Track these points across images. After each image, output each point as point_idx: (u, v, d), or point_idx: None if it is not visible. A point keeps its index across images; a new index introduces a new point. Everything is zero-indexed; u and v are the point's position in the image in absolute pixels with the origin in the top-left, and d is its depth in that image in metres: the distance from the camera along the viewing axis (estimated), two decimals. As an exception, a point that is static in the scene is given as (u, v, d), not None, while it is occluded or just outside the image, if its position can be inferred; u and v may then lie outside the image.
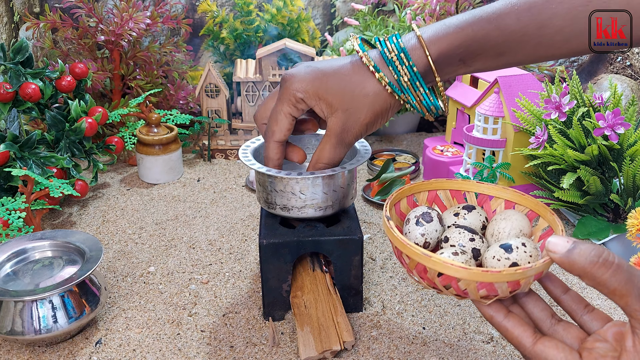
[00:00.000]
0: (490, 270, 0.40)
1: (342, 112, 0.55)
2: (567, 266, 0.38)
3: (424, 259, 0.42)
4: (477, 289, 0.42)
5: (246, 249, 0.84)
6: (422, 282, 0.45)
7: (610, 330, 0.42)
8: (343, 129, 0.56)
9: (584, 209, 0.84)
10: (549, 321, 0.45)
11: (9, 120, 1.09)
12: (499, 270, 0.40)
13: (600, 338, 0.42)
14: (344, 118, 0.55)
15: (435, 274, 0.42)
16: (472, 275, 0.40)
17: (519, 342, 0.42)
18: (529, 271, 0.40)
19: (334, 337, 0.61)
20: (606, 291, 0.38)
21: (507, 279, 0.40)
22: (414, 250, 0.42)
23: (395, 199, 0.51)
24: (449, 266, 0.41)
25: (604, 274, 0.37)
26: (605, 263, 0.37)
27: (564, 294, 0.46)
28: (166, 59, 1.19)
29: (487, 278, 0.40)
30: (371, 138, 1.29)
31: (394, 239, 0.45)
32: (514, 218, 0.48)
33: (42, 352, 0.64)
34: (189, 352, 0.63)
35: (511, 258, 0.43)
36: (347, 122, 0.55)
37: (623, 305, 0.37)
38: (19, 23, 1.19)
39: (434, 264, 0.41)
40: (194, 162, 1.16)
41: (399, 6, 1.24)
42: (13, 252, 0.68)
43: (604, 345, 0.41)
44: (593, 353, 0.40)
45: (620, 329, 0.41)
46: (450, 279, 0.42)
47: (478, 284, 0.41)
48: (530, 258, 0.43)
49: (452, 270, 0.41)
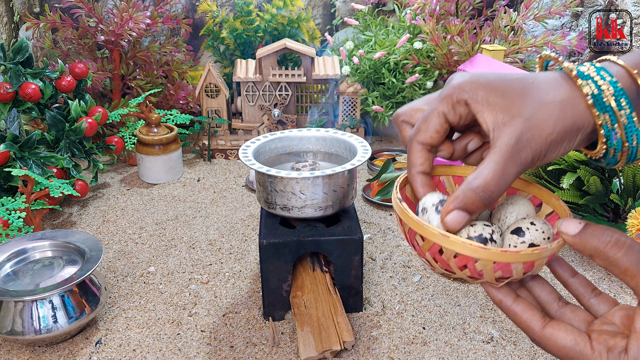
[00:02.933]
0: (508, 250, 0.41)
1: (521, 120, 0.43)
2: (579, 247, 0.38)
3: (442, 239, 0.42)
4: (493, 270, 0.42)
5: (246, 249, 0.84)
6: (435, 264, 0.45)
7: (618, 313, 0.42)
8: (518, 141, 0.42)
9: (584, 209, 0.84)
10: (556, 304, 0.45)
11: (9, 120, 1.09)
12: (517, 251, 0.40)
13: (607, 321, 0.42)
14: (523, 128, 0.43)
15: (451, 254, 0.42)
16: (490, 255, 0.40)
17: (528, 325, 0.43)
18: (545, 252, 0.41)
19: (334, 337, 0.61)
20: (617, 271, 0.38)
21: (525, 259, 0.41)
22: (431, 231, 0.42)
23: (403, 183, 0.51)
24: (467, 246, 0.41)
25: (616, 253, 0.37)
26: (618, 243, 0.37)
27: (572, 278, 0.46)
28: (166, 59, 1.19)
29: (505, 258, 0.40)
30: (371, 138, 1.29)
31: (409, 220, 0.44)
32: (520, 202, 0.49)
33: (42, 352, 0.64)
34: (189, 352, 0.63)
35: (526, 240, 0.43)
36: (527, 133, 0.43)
37: (634, 285, 0.38)
38: (19, 23, 1.19)
39: (452, 244, 0.41)
40: (194, 162, 1.16)
41: (399, 6, 1.24)
42: (13, 252, 0.68)
43: (611, 328, 0.41)
44: (602, 334, 0.40)
45: (627, 312, 0.42)
46: (467, 260, 0.42)
47: (495, 265, 0.41)
48: (544, 234, 0.43)
49: (470, 250, 0.41)
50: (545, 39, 1.09)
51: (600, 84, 0.42)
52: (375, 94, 1.18)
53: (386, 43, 1.17)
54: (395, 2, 1.25)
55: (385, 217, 0.93)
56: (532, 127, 0.43)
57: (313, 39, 1.27)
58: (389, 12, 1.30)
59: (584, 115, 0.43)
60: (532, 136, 0.43)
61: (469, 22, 1.15)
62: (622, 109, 0.42)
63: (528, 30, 1.15)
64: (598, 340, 0.40)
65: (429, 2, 1.13)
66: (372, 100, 1.17)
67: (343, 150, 0.74)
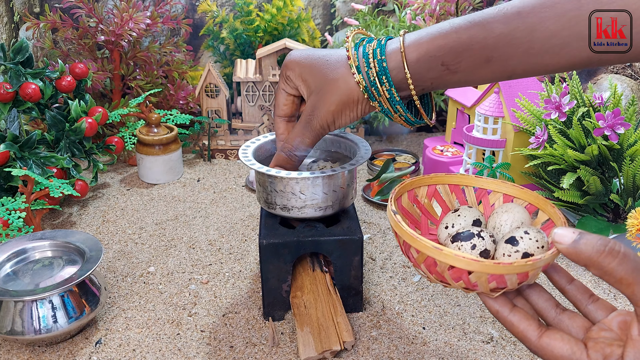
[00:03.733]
0: (501, 262, 0.41)
1: (315, 94, 0.55)
2: (573, 256, 0.38)
3: (435, 252, 0.42)
4: (487, 281, 0.42)
5: (246, 249, 0.84)
6: (430, 275, 0.45)
7: (615, 319, 0.42)
8: (312, 111, 0.56)
9: (583, 209, 0.84)
10: (554, 311, 0.45)
11: (9, 120, 1.09)
12: (510, 262, 0.40)
13: (605, 327, 0.42)
14: (315, 100, 0.56)
15: (445, 267, 0.42)
16: (483, 267, 0.41)
17: (524, 336, 0.43)
18: (539, 262, 0.41)
19: (333, 337, 0.61)
20: (612, 280, 0.38)
21: (518, 270, 0.41)
22: (424, 244, 0.42)
23: (398, 194, 0.51)
24: (460, 259, 0.41)
25: (610, 262, 0.37)
26: (612, 252, 0.37)
27: (569, 284, 0.46)
28: (166, 59, 1.19)
29: (498, 270, 0.41)
30: (371, 138, 1.29)
31: (402, 233, 0.44)
32: (515, 210, 0.49)
33: (42, 352, 0.64)
34: (188, 352, 0.63)
35: (520, 249, 0.43)
36: (316, 104, 0.56)
37: (629, 294, 0.38)
38: (19, 23, 1.19)
39: (445, 257, 0.41)
40: (194, 162, 1.16)
41: (399, 6, 1.24)
42: (13, 252, 0.68)
43: (609, 335, 0.41)
44: (599, 342, 0.40)
45: (625, 318, 0.42)
46: (461, 272, 0.42)
47: (489, 276, 0.41)
48: (537, 243, 0.43)
49: (463, 263, 0.41)
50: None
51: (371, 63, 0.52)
52: (375, 94, 1.18)
53: (386, 43, 1.17)
54: (395, 2, 1.25)
55: (385, 217, 0.93)
56: (319, 100, 0.55)
57: (313, 39, 1.27)
58: (389, 12, 1.30)
59: (356, 90, 0.54)
60: (320, 107, 0.55)
61: (469, 22, 1.15)
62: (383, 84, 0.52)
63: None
64: (594, 349, 0.40)
65: (429, 2, 1.13)
66: (372, 100, 1.17)
67: (343, 150, 0.74)
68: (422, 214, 0.54)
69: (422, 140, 1.19)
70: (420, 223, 0.54)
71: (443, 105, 1.23)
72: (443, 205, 0.55)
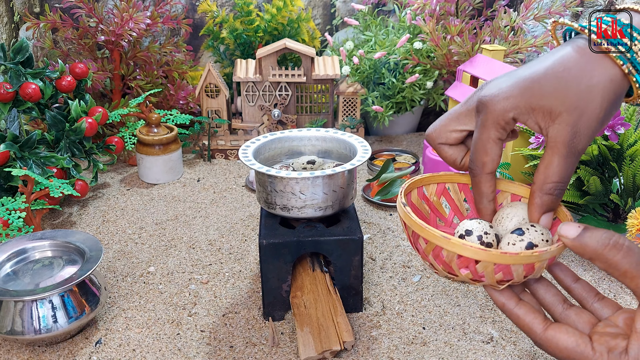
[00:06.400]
0: (508, 252, 0.41)
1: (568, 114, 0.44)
2: (579, 250, 0.39)
3: (444, 241, 0.42)
4: (494, 271, 0.42)
5: (246, 249, 0.84)
6: (438, 266, 0.45)
7: (621, 316, 0.43)
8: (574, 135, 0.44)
9: (584, 209, 0.84)
10: (561, 306, 0.45)
11: (9, 120, 1.09)
12: (517, 252, 0.41)
13: (611, 323, 0.42)
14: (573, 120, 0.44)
15: (453, 257, 0.43)
16: (490, 256, 0.41)
17: (530, 328, 0.43)
18: (545, 254, 0.41)
19: (333, 337, 0.61)
20: (617, 273, 0.38)
21: (524, 261, 0.41)
22: (433, 233, 0.43)
23: (408, 189, 0.52)
24: (468, 248, 0.41)
25: (615, 255, 0.38)
26: (617, 245, 0.38)
27: (575, 283, 0.47)
28: (166, 59, 1.19)
29: (505, 260, 0.41)
30: (371, 138, 1.29)
31: (412, 224, 0.45)
32: (521, 207, 0.49)
33: (42, 351, 0.64)
34: (188, 352, 0.63)
35: (525, 239, 0.44)
36: (578, 123, 0.44)
37: (634, 287, 0.38)
38: (19, 23, 1.19)
39: (453, 246, 0.42)
40: (194, 162, 1.16)
41: (399, 6, 1.24)
42: (13, 252, 0.68)
43: (614, 330, 0.41)
44: (603, 336, 0.41)
45: (630, 314, 0.42)
46: (468, 262, 0.42)
47: (495, 266, 0.42)
48: (542, 236, 0.44)
49: (471, 252, 0.41)
50: (545, 39, 1.09)
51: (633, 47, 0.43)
52: (375, 94, 1.18)
53: (386, 43, 1.17)
54: (395, 2, 1.25)
55: (385, 217, 0.93)
56: (581, 116, 0.43)
57: (313, 39, 1.27)
58: (389, 12, 1.30)
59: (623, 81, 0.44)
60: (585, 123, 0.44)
61: (469, 22, 1.15)
62: None
63: (528, 30, 1.15)
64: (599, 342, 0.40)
65: (429, 2, 1.13)
66: (372, 100, 1.17)
67: (343, 150, 0.74)
68: (430, 211, 0.54)
69: (422, 140, 1.19)
70: (429, 220, 0.54)
71: (443, 105, 1.23)
72: (452, 204, 0.55)
